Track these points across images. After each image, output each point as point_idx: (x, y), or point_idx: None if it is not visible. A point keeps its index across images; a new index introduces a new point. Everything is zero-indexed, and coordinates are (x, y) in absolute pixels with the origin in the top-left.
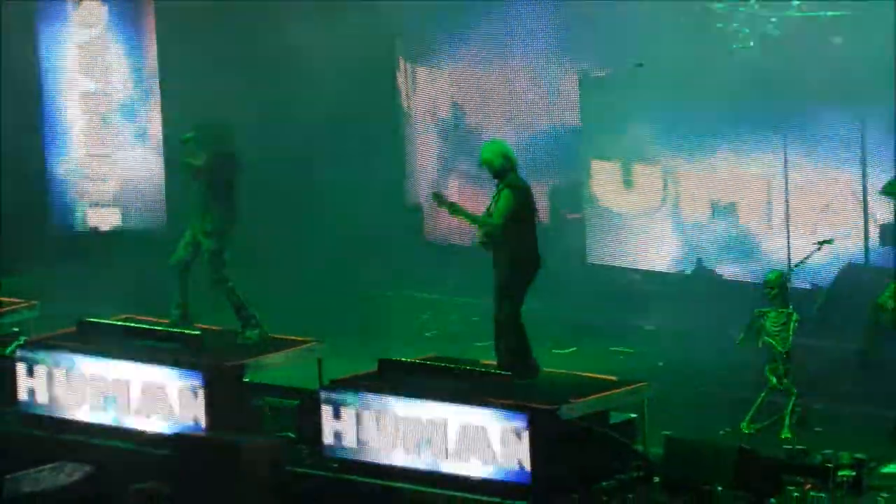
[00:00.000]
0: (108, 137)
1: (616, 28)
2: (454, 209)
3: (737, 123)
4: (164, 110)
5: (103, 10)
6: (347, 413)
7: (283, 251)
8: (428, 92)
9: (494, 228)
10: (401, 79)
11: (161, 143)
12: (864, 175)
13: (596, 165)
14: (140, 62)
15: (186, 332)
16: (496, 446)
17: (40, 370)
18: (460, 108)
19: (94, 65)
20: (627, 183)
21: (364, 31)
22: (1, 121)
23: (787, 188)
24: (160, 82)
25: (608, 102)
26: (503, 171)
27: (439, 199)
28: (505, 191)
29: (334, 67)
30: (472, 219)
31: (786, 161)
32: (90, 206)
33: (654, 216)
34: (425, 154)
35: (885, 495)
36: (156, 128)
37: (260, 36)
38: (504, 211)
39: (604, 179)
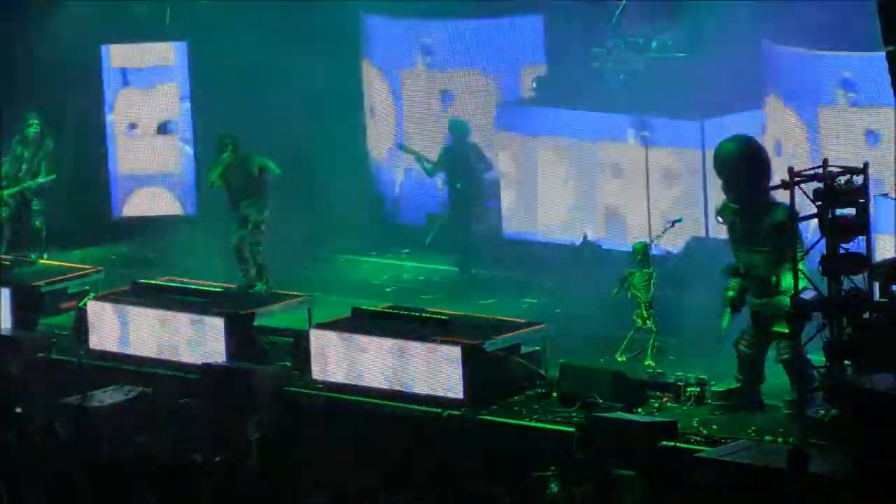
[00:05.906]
0: (149, 148)
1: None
2: None
3: (614, 133)
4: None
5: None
6: (329, 347)
7: (288, 232)
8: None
9: None
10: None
11: (192, 151)
12: (703, 171)
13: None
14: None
15: (211, 288)
16: (438, 371)
17: (105, 317)
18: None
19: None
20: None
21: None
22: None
23: (647, 181)
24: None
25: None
26: None
27: None
28: None
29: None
30: None
31: (647, 157)
32: (139, 197)
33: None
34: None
35: (718, 409)
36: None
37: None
38: None
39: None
